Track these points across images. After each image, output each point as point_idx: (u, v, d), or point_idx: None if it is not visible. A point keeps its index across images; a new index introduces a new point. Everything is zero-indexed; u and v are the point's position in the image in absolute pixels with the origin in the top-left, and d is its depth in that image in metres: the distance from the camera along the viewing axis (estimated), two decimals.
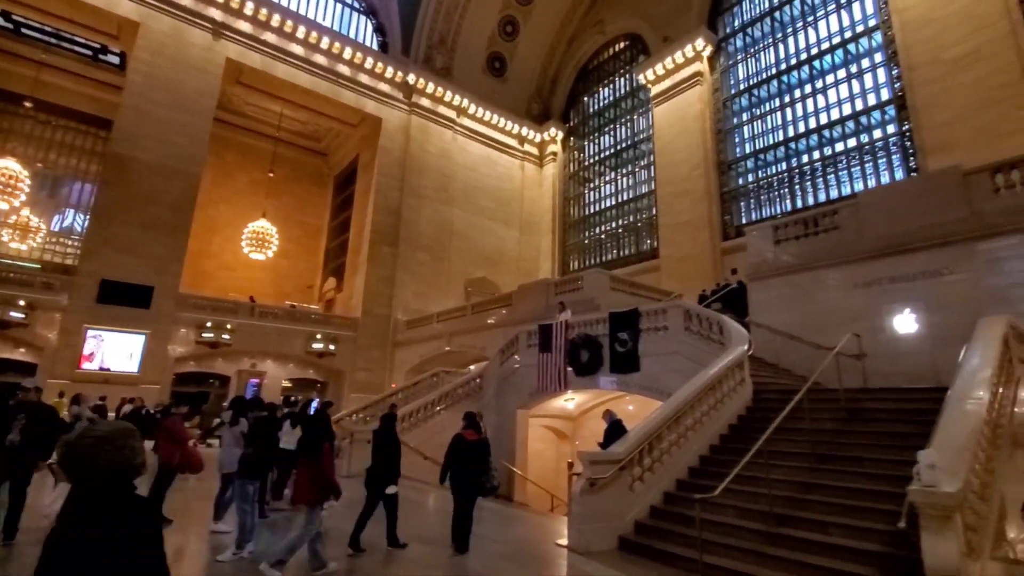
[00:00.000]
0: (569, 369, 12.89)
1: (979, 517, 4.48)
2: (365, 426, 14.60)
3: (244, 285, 30.38)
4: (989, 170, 9.85)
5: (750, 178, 24.52)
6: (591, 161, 33.29)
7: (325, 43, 27.86)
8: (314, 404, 12.73)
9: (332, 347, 25.98)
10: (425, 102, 31.25)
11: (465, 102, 32.27)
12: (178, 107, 23.58)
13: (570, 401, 14.82)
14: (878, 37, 21.15)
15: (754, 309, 12.66)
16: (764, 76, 24.71)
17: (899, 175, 19.53)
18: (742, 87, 25.59)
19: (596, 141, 33.29)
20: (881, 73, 20.97)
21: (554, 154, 35.41)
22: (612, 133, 32.22)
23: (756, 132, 24.83)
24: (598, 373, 12.44)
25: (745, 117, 25.35)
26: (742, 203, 24.53)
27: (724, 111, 25.97)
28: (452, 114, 32.32)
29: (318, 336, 25.79)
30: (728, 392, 8.63)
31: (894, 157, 20.10)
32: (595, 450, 7.58)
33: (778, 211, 22.91)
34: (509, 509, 10.84)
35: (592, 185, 33.00)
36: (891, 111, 20.40)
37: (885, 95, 20.71)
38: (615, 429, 8.24)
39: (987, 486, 4.83)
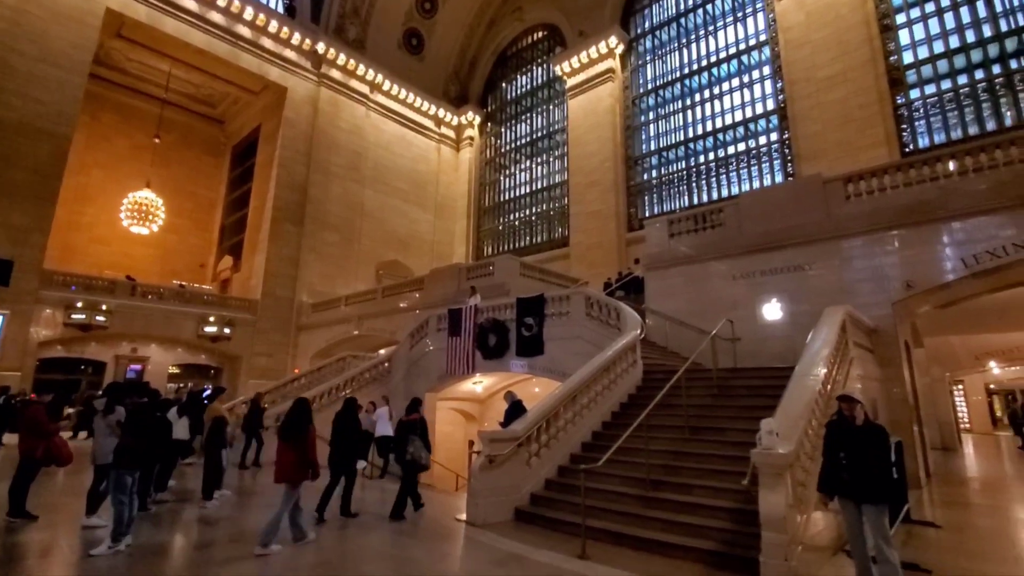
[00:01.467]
0: (478, 353, 13.16)
1: (808, 474, 5.33)
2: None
3: (122, 262, 27.49)
4: (842, 180, 11.33)
5: (654, 174, 26.10)
6: (508, 148, 33.63)
7: (223, 0, 25.56)
8: (206, 392, 11.97)
9: (228, 330, 24.35)
10: (336, 74, 29.79)
11: (379, 78, 31.17)
12: (47, 60, 20.69)
13: (478, 384, 15.14)
14: (767, 52, 23.25)
15: (650, 296, 13.65)
16: (669, 78, 26.29)
17: (779, 178, 21.77)
18: (650, 87, 27.04)
19: (513, 128, 33.64)
20: (768, 85, 23.12)
21: (471, 138, 35.30)
22: (529, 121, 32.73)
23: (661, 131, 26.43)
24: (506, 356, 12.83)
25: (651, 116, 26.87)
26: (646, 197, 26.09)
27: (633, 108, 27.33)
28: (365, 89, 31.11)
29: (211, 319, 24.04)
30: (621, 373, 9.33)
31: (775, 162, 22.33)
32: (496, 429, 7.92)
33: (677, 206, 24.65)
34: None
35: (508, 172, 33.38)
36: (775, 120, 22.61)
37: (771, 105, 22.87)
38: (515, 409, 8.62)
39: (817, 447, 5.72)
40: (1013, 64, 17.96)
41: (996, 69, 18.25)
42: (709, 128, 24.55)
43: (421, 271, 26.47)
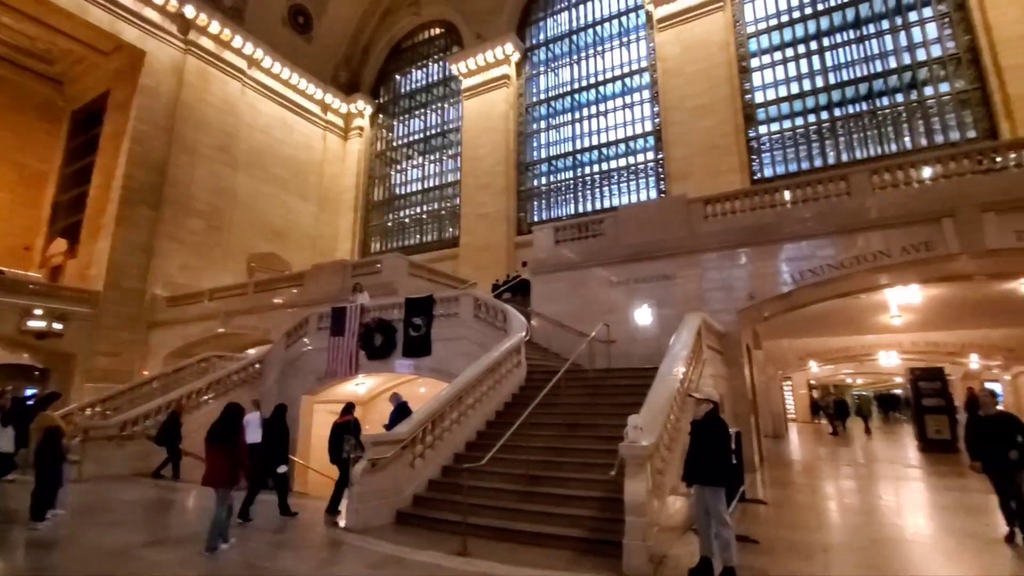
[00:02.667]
0: (362, 353, 12.74)
1: (665, 463, 5.97)
2: (106, 421, 12.25)
3: None
4: (703, 201, 12.77)
5: (544, 180, 27.16)
6: (400, 143, 32.88)
7: None
8: (33, 397, 10.29)
9: (59, 326, 20.88)
10: (207, 43, 26.92)
11: (259, 53, 28.73)
12: None
13: (361, 385, 14.64)
14: (647, 77, 25.34)
15: (535, 299, 14.22)
16: (560, 91, 27.56)
17: (653, 194, 23.82)
18: (543, 97, 28.13)
19: (406, 123, 32.96)
20: (647, 108, 25.21)
21: (361, 129, 33.94)
22: (423, 117, 32.29)
23: (551, 140, 27.61)
24: (392, 357, 12.57)
25: (543, 125, 27.96)
26: (535, 202, 27.06)
27: (526, 116, 28.22)
28: (242, 64, 28.50)
29: (38, 311, 20.46)
30: (506, 373, 9.63)
31: (651, 179, 24.40)
32: (380, 432, 7.76)
33: (564, 213, 25.90)
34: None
35: (399, 167, 32.64)
36: (651, 141, 24.72)
37: (648, 127, 24.95)
38: (401, 411, 8.52)
39: (674, 439, 6.43)
40: (837, 112, 21.50)
41: (824, 115, 21.73)
42: (595, 142, 26.14)
43: (301, 266, 24.90)
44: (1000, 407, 6.68)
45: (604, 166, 25.69)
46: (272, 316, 19.47)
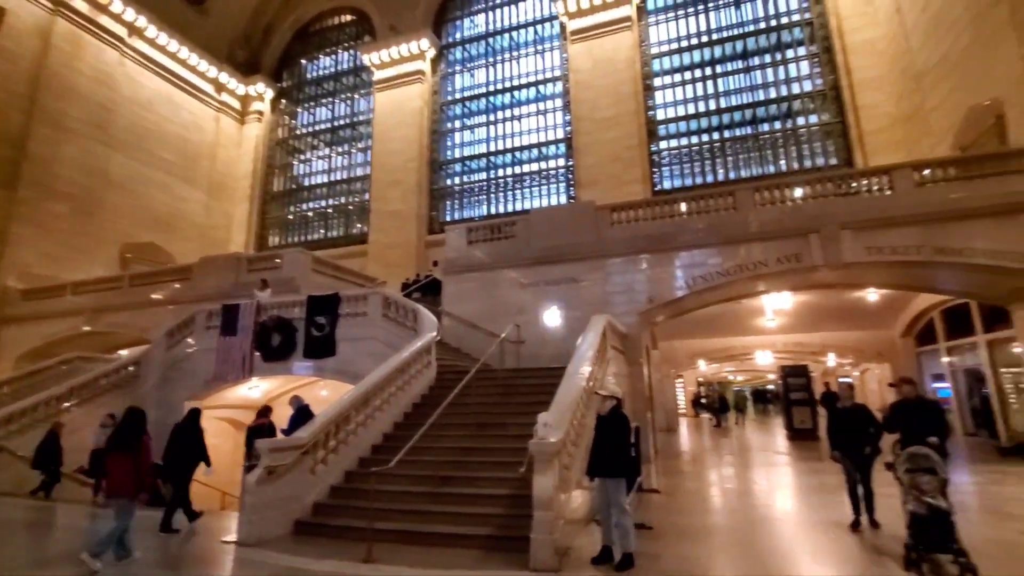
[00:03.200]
0: (257, 354, 11.89)
1: (572, 458, 6.20)
2: None
3: None
4: (609, 208, 13.43)
5: (457, 180, 27.06)
6: (305, 131, 31.14)
7: None
8: None
9: None
10: (80, 5, 23.73)
11: (142, 20, 25.80)
12: None
13: (255, 389, 13.65)
14: (560, 86, 26.16)
15: (447, 299, 14.12)
16: (476, 92, 27.62)
17: (563, 200, 24.62)
18: (458, 96, 28.01)
19: (312, 111, 31.28)
20: (560, 116, 26.02)
21: (260, 113, 31.66)
22: (331, 107, 30.84)
23: (466, 140, 27.58)
24: (291, 358, 11.87)
25: (458, 124, 27.87)
26: (448, 202, 26.88)
27: (441, 114, 27.94)
28: (121, 31, 25.44)
29: None
30: (415, 374, 9.47)
31: (562, 184, 25.21)
32: (278, 438, 7.30)
33: (478, 214, 25.99)
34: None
35: (303, 157, 30.90)
36: (563, 148, 25.54)
37: (560, 134, 25.75)
38: (302, 415, 8.07)
39: (580, 435, 6.70)
40: (727, 133, 23.59)
41: (716, 136, 23.76)
42: (509, 145, 26.51)
43: (188, 258, 22.71)
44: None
45: (517, 169, 26.13)
46: (151, 313, 17.55)
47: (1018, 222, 10.27)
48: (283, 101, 32.05)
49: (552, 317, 12.91)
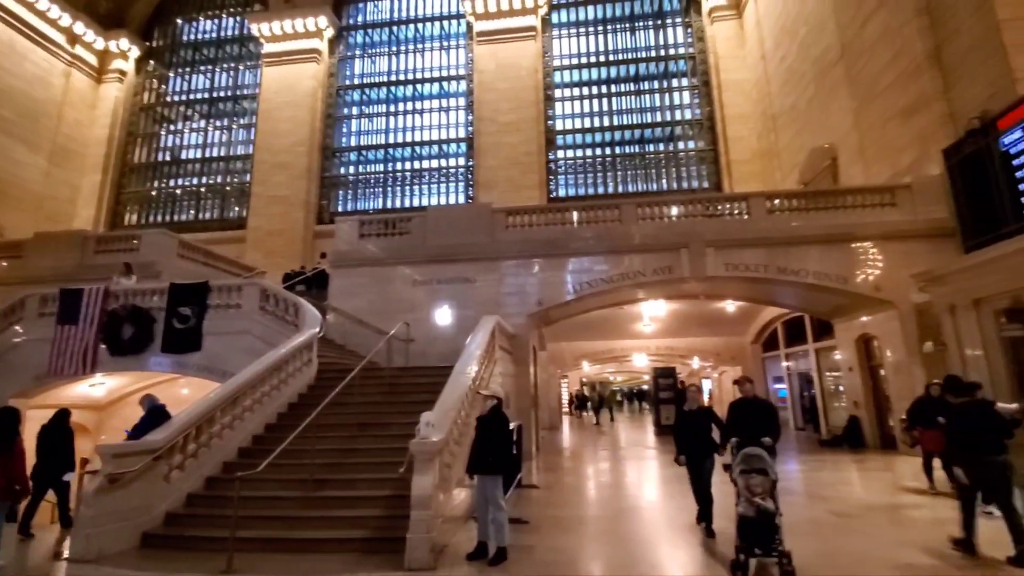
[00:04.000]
0: (102, 347, 10.46)
1: (454, 456, 6.26)
2: None
3: None
4: (505, 211, 13.73)
5: (352, 169, 25.93)
6: (177, 99, 27.93)
7: None
8: None
9: None
10: None
11: None
12: None
13: (99, 386, 12.00)
14: (464, 85, 26.16)
15: (334, 294, 13.48)
16: (377, 80, 26.69)
17: (462, 199, 24.66)
18: (356, 82, 26.86)
19: (188, 78, 28.16)
20: (462, 114, 26.00)
21: (122, 73, 27.83)
22: (210, 76, 27.98)
23: (363, 128, 26.52)
24: (146, 352, 10.59)
25: (355, 111, 26.71)
26: (341, 191, 25.67)
27: (337, 98, 26.59)
28: None
29: None
30: (293, 372, 8.93)
31: (461, 184, 25.22)
32: (123, 442, 6.49)
33: (372, 206, 25.11)
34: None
35: (174, 128, 27.69)
36: (464, 147, 25.57)
37: (462, 133, 25.76)
38: (155, 415, 7.21)
39: (464, 434, 6.77)
40: (618, 150, 25.16)
41: (608, 151, 25.24)
42: (409, 139, 25.96)
43: (20, 232, 19.34)
44: (705, 402, 8.41)
45: (416, 164, 25.69)
46: None
47: (840, 249, 12.20)
48: (151, 62, 28.50)
49: (443, 316, 12.89)
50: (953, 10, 12.20)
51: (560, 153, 25.19)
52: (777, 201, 13.23)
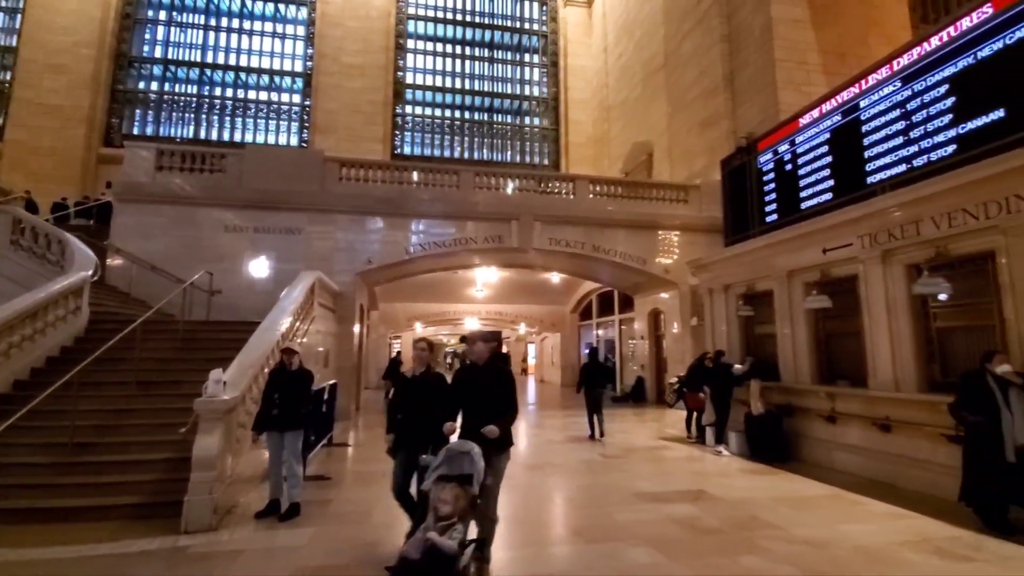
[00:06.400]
0: None
1: (250, 416, 5.95)
2: None
3: None
4: (339, 162, 12.98)
5: (155, 86, 21.94)
6: None
7: None
8: None
9: None
10: None
11: None
12: None
13: None
14: (305, 13, 23.58)
15: (120, 233, 11.48)
16: None
17: (294, 141, 22.56)
18: None
19: None
20: (300, 46, 23.49)
21: None
22: None
23: (174, 39, 22.48)
24: None
25: (163, 16, 22.47)
26: (139, 110, 21.65)
27: None
28: None
29: None
30: (54, 321, 7.52)
31: (294, 124, 23.01)
32: None
33: (182, 134, 21.67)
34: None
35: None
36: (300, 83, 23.24)
37: (300, 67, 23.35)
38: None
39: None
40: (467, 115, 25.16)
41: (459, 114, 25.10)
42: (234, 62, 22.76)
43: None
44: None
45: (241, 93, 22.73)
46: None
47: (643, 235, 14.05)
48: None
49: (260, 268, 11.89)
50: (746, 43, 14.53)
51: (409, 109, 24.41)
52: (599, 187, 14.63)
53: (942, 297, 6.26)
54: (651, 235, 14.19)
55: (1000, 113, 6.08)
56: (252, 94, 22.70)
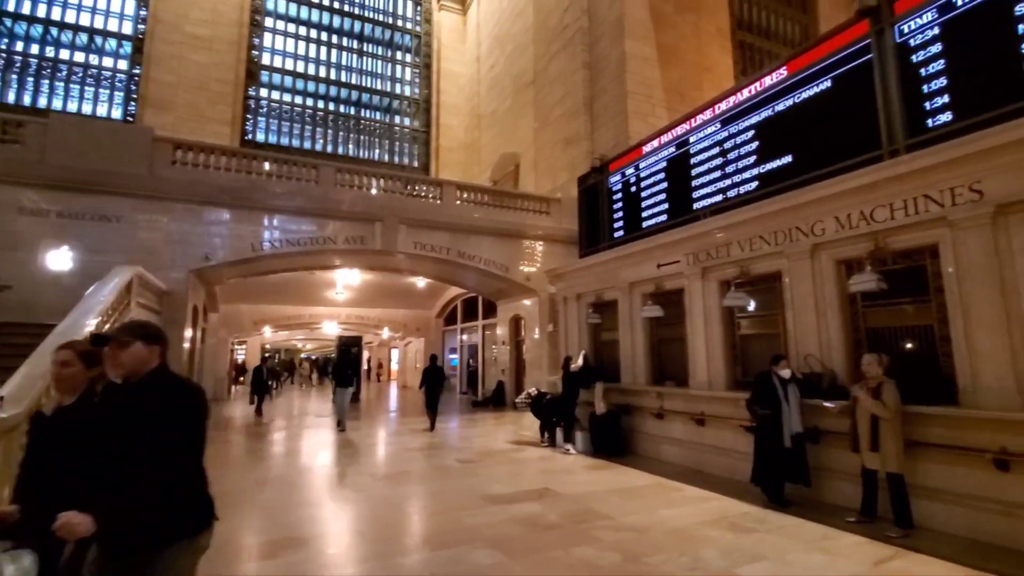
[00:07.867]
0: None
1: None
2: None
3: None
4: (173, 143, 11.46)
5: None
6: None
7: None
8: None
9: None
10: None
11: None
12: None
13: None
14: None
15: None
16: None
17: (117, 113, 19.45)
18: None
19: None
20: (131, 5, 20.36)
21: None
22: None
23: None
24: None
25: None
26: None
27: None
28: None
29: None
30: None
31: (119, 94, 19.85)
32: None
33: None
34: None
35: None
36: (128, 47, 20.13)
37: (128, 29, 20.23)
38: None
39: None
40: (331, 107, 23.84)
41: (321, 104, 23.68)
42: (41, 13, 19.00)
43: None
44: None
45: (51, 52, 19.06)
46: None
47: (506, 243, 14.52)
48: None
49: (63, 259, 9.99)
50: (605, 72, 15.84)
51: (264, 92, 22.46)
52: (467, 193, 14.81)
53: (751, 308, 7.41)
54: (515, 244, 14.72)
55: (789, 158, 7.41)
56: (65, 54, 19.11)
